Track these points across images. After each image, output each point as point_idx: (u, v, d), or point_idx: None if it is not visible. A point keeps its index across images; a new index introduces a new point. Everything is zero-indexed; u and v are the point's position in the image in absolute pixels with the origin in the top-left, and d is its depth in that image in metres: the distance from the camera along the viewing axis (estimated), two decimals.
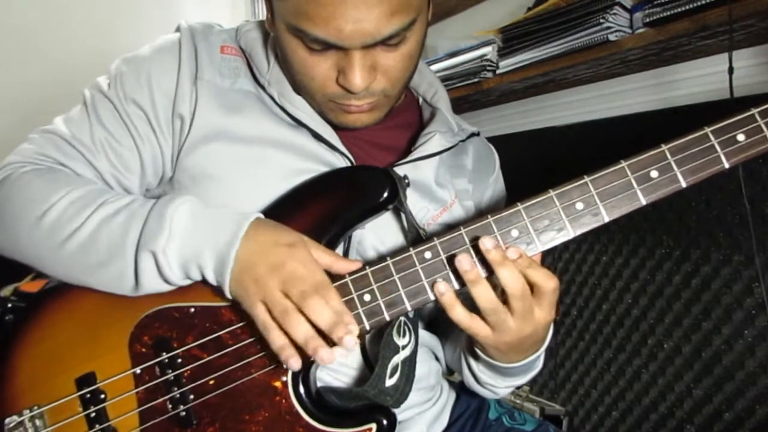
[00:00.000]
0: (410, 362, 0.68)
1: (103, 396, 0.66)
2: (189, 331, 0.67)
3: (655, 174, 0.61)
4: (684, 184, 0.60)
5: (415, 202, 0.78)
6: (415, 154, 0.79)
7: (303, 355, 0.60)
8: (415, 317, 0.71)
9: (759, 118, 0.59)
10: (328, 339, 0.59)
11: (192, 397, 0.65)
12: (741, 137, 0.59)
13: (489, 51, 1.52)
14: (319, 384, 0.70)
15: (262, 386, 0.65)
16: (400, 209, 0.73)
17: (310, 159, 0.74)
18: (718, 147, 0.60)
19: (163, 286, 0.65)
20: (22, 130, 0.78)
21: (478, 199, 0.87)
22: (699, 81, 1.34)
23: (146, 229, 0.63)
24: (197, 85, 0.72)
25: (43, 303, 0.71)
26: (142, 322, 0.67)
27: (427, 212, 0.79)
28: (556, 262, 1.68)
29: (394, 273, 0.64)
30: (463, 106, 1.86)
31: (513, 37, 1.46)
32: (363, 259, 0.74)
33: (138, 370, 0.66)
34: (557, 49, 1.33)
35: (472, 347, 0.72)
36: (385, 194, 0.69)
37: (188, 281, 0.65)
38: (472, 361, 0.75)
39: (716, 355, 1.31)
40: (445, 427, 0.85)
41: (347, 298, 0.64)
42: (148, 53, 0.75)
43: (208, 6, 2.38)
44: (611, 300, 1.54)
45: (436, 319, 0.88)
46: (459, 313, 0.61)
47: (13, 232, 0.67)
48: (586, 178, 0.61)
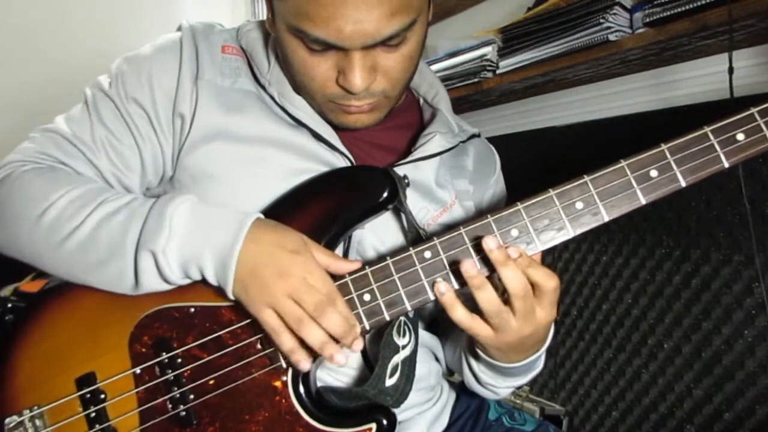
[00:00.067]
0: (410, 362, 0.68)
1: (103, 396, 0.66)
2: (189, 331, 0.67)
3: (654, 173, 0.61)
4: (684, 184, 0.60)
5: (415, 202, 0.78)
6: (416, 154, 0.78)
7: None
8: (415, 317, 0.71)
9: (758, 118, 0.59)
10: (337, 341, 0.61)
11: (192, 396, 0.65)
12: (740, 137, 0.60)
13: (489, 51, 1.52)
14: (319, 384, 0.70)
15: (262, 386, 0.65)
16: (400, 209, 0.73)
17: (310, 159, 0.74)
18: (717, 146, 0.60)
19: (163, 286, 0.65)
20: (22, 129, 0.78)
21: (479, 199, 0.87)
22: (699, 81, 1.34)
23: (146, 229, 0.63)
24: (198, 84, 0.72)
25: (43, 303, 0.71)
26: (142, 322, 0.67)
27: (427, 212, 0.79)
28: (556, 261, 1.68)
29: (394, 273, 0.64)
30: (463, 106, 1.86)
31: (513, 37, 1.46)
32: (363, 259, 0.74)
33: (138, 370, 0.66)
34: (557, 49, 1.33)
35: (473, 347, 0.72)
36: (385, 194, 0.69)
37: (188, 280, 0.66)
38: (473, 361, 0.75)
39: (716, 355, 1.31)
40: (445, 428, 0.85)
41: (347, 297, 0.64)
42: (149, 52, 0.75)
43: (208, 6, 2.38)
44: (611, 300, 1.54)
45: (437, 320, 0.88)
46: (460, 313, 0.62)
47: (13, 230, 0.67)
48: (586, 178, 0.62)
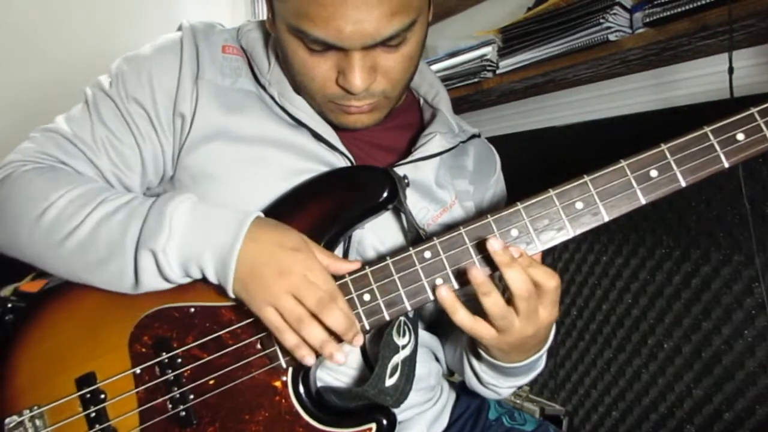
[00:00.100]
0: (410, 362, 0.68)
1: (103, 396, 0.66)
2: (189, 331, 0.67)
3: (654, 173, 0.61)
4: (683, 184, 0.60)
5: (415, 202, 0.78)
6: (416, 154, 0.78)
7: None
8: (414, 317, 0.71)
9: (758, 118, 0.59)
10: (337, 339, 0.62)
11: (192, 396, 0.65)
12: (740, 136, 0.60)
13: (489, 51, 1.52)
14: (319, 384, 0.70)
15: (262, 386, 0.65)
16: (399, 209, 0.73)
17: (310, 159, 0.74)
18: (717, 146, 0.60)
19: (163, 284, 0.65)
20: (22, 129, 0.78)
21: (479, 200, 0.87)
22: (699, 81, 1.34)
23: (146, 228, 0.63)
24: (198, 84, 0.72)
25: (43, 303, 0.71)
26: (142, 322, 0.67)
27: (427, 212, 0.79)
28: (556, 262, 1.68)
29: (394, 273, 0.64)
30: (463, 106, 1.86)
31: (513, 37, 1.46)
32: (363, 259, 0.75)
33: (138, 370, 0.66)
34: (557, 49, 1.33)
35: (475, 347, 0.72)
36: (385, 194, 0.69)
37: (188, 279, 0.66)
38: (475, 362, 0.75)
39: (716, 355, 1.31)
40: (445, 428, 0.85)
41: (347, 297, 0.64)
42: (149, 52, 0.75)
43: (208, 6, 2.38)
44: (611, 300, 1.54)
45: (437, 320, 0.88)
46: (462, 317, 0.62)
47: (13, 230, 0.67)
48: (586, 178, 0.62)
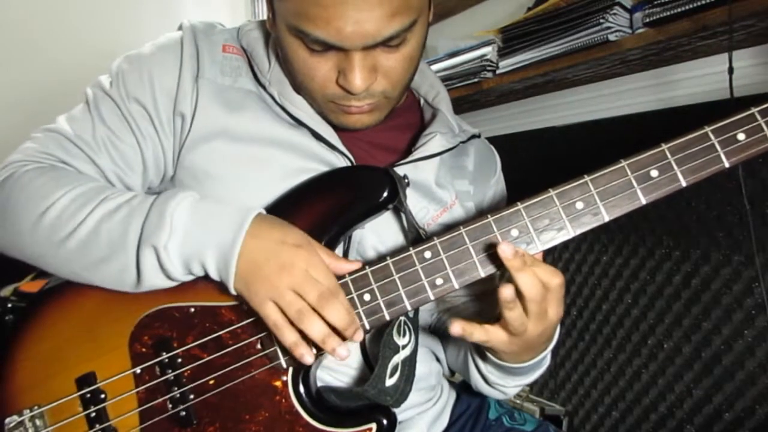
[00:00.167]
0: (410, 362, 0.68)
1: (103, 396, 0.66)
2: (189, 331, 0.67)
3: (655, 173, 0.61)
4: (684, 184, 0.60)
5: (416, 202, 0.78)
6: (416, 154, 0.78)
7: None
8: (415, 317, 0.71)
9: (759, 117, 0.59)
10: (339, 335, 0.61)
11: (192, 396, 0.65)
12: (741, 136, 0.59)
13: (489, 51, 1.52)
14: (319, 384, 0.70)
15: (262, 386, 0.65)
16: (400, 209, 0.73)
17: (310, 158, 0.74)
18: (718, 146, 0.60)
19: (166, 282, 0.65)
20: (22, 129, 0.78)
21: (479, 200, 0.87)
22: (699, 81, 1.34)
23: (147, 225, 0.63)
24: (198, 83, 0.72)
25: (43, 303, 0.71)
26: (142, 322, 0.67)
27: (427, 212, 0.79)
28: (556, 262, 1.67)
29: (394, 273, 0.64)
30: (463, 106, 1.86)
31: (513, 37, 1.46)
32: (363, 259, 0.74)
33: (138, 370, 0.66)
34: (557, 49, 1.33)
35: (480, 350, 0.72)
36: (385, 194, 0.69)
37: (190, 277, 0.65)
38: (481, 363, 0.75)
39: (716, 355, 1.31)
40: (445, 427, 0.85)
41: (347, 297, 0.64)
42: (149, 51, 0.75)
43: (208, 6, 2.38)
44: (611, 300, 1.54)
45: (438, 330, 0.88)
46: (477, 336, 0.63)
47: (15, 230, 0.67)
48: (586, 178, 0.61)
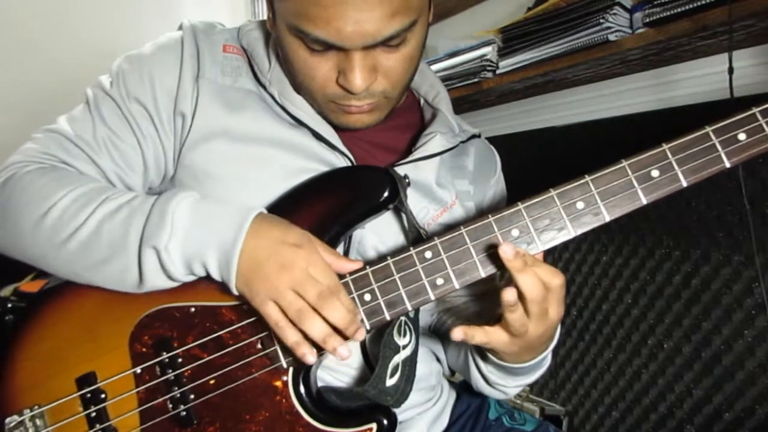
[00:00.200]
0: (411, 362, 0.68)
1: (103, 396, 0.66)
2: (189, 331, 0.67)
3: (655, 173, 0.60)
4: (685, 184, 0.60)
5: (416, 202, 0.78)
6: (416, 154, 0.78)
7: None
8: (415, 317, 0.70)
9: (760, 117, 0.59)
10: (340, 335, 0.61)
11: (192, 396, 0.65)
12: (742, 136, 0.59)
13: (489, 51, 1.52)
14: (319, 384, 0.70)
15: (263, 386, 0.65)
16: (400, 209, 0.73)
17: (310, 158, 0.74)
18: (719, 146, 0.60)
19: (167, 283, 0.65)
20: (22, 129, 0.78)
21: (480, 200, 0.87)
22: (699, 81, 1.34)
23: (148, 225, 0.63)
24: (199, 83, 0.72)
25: (43, 303, 0.71)
26: (142, 322, 0.67)
27: (428, 212, 0.79)
28: (556, 262, 1.68)
29: (395, 273, 0.64)
30: (463, 106, 1.86)
31: (513, 37, 1.46)
32: (363, 259, 0.74)
33: (138, 370, 0.66)
34: (557, 49, 1.33)
35: (481, 350, 0.72)
36: (386, 194, 0.69)
37: (192, 277, 0.65)
38: (481, 363, 0.75)
39: (716, 355, 1.31)
40: (445, 427, 0.85)
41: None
42: (150, 51, 0.75)
43: (208, 6, 2.38)
44: (611, 300, 1.54)
45: (438, 330, 0.88)
46: (478, 339, 0.63)
47: (16, 231, 0.67)
48: (587, 178, 0.61)
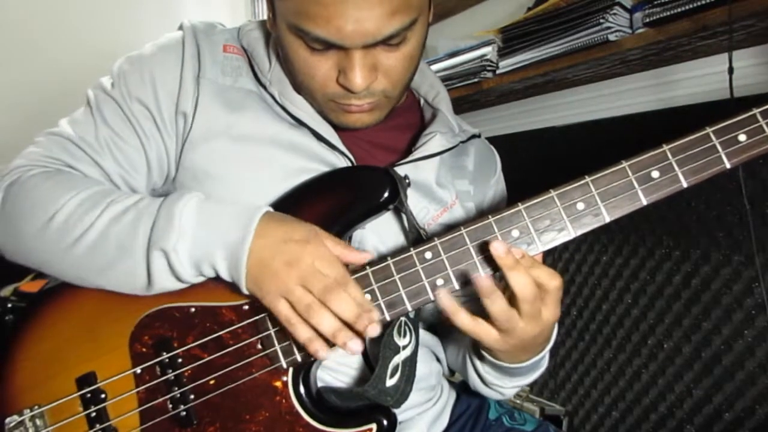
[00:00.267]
0: (411, 362, 0.68)
1: (103, 396, 0.66)
2: (189, 331, 0.67)
3: (656, 174, 0.60)
4: (685, 185, 0.60)
5: (416, 202, 0.78)
6: (416, 154, 0.78)
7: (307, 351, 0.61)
8: (415, 317, 0.71)
9: (760, 118, 0.59)
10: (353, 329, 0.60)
11: (192, 396, 0.65)
12: (742, 137, 0.59)
13: (489, 51, 1.52)
14: (319, 384, 0.70)
15: (263, 386, 0.65)
16: (400, 209, 0.73)
17: (310, 158, 0.74)
18: (719, 147, 0.60)
19: (176, 284, 0.65)
20: (22, 130, 0.78)
21: (480, 200, 0.87)
22: (699, 81, 1.34)
23: (156, 228, 0.63)
24: (200, 82, 0.72)
25: (43, 303, 0.71)
26: (142, 322, 0.67)
27: (428, 212, 0.79)
28: (556, 262, 1.68)
29: (395, 273, 0.64)
30: (463, 106, 1.86)
31: (513, 37, 1.46)
32: None
33: (138, 370, 0.66)
34: (557, 49, 1.33)
35: (478, 349, 0.72)
36: (386, 194, 0.69)
37: (201, 278, 0.65)
38: (478, 363, 0.75)
39: (716, 355, 1.31)
40: (445, 427, 0.85)
41: None
42: (150, 52, 0.75)
43: (208, 6, 2.38)
44: (611, 300, 1.54)
45: (438, 322, 0.87)
46: (463, 319, 0.61)
47: (21, 236, 0.67)
48: (587, 179, 0.61)
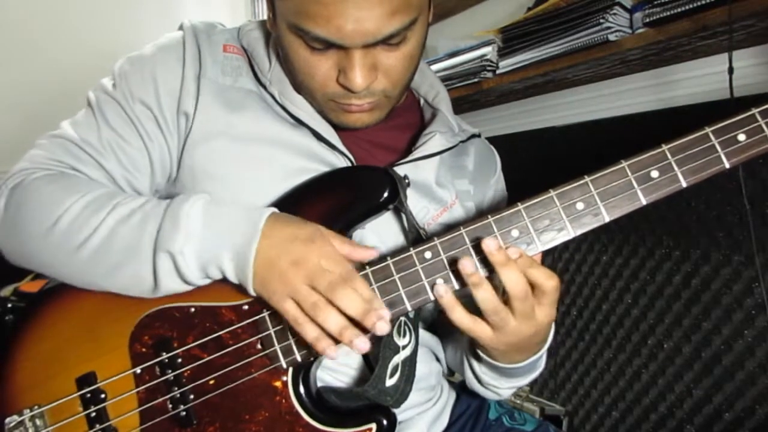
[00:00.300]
0: (410, 362, 0.68)
1: (103, 396, 0.66)
2: (189, 331, 0.67)
3: (655, 174, 0.60)
4: (684, 184, 0.60)
5: (416, 202, 0.78)
6: (416, 153, 0.78)
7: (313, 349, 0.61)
8: (415, 317, 0.71)
9: (759, 118, 0.59)
10: (361, 327, 0.59)
11: (192, 396, 0.65)
12: (742, 137, 0.59)
13: (489, 51, 1.52)
14: (319, 384, 0.70)
15: (262, 386, 0.65)
16: (400, 209, 0.73)
17: (310, 158, 0.74)
18: (718, 147, 0.60)
19: (182, 287, 0.65)
20: (22, 130, 0.78)
21: (480, 200, 0.87)
22: (699, 81, 1.34)
23: (162, 230, 0.63)
24: (200, 82, 0.72)
25: (43, 303, 0.71)
26: (142, 322, 0.67)
27: (428, 212, 0.79)
28: (556, 262, 1.68)
29: (395, 273, 0.64)
30: (463, 106, 1.86)
31: (513, 37, 1.46)
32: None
33: (138, 370, 0.66)
34: (557, 49, 1.33)
35: (474, 348, 0.72)
36: (386, 194, 0.69)
37: (207, 280, 0.65)
38: (474, 363, 0.75)
39: (716, 355, 1.31)
40: (445, 427, 0.85)
41: None
42: (151, 52, 0.75)
43: (208, 6, 2.38)
44: (611, 300, 1.54)
45: (437, 321, 0.87)
46: (459, 314, 0.61)
47: (26, 239, 0.67)
48: (587, 178, 0.61)
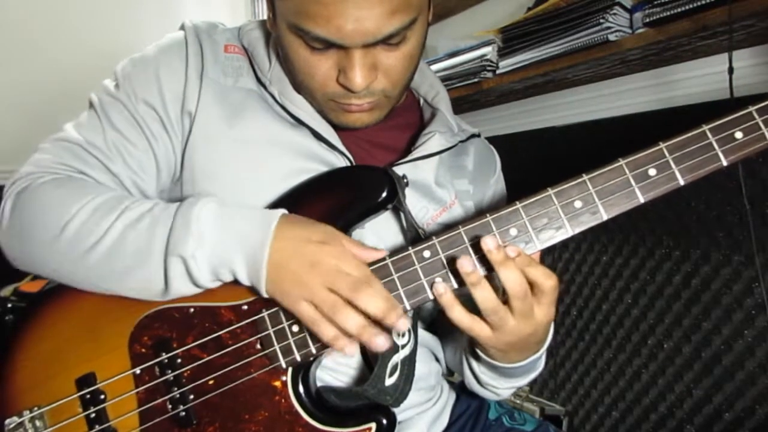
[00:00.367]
0: (410, 361, 0.68)
1: (103, 396, 0.66)
2: (189, 331, 0.67)
3: (653, 172, 0.61)
4: (682, 182, 0.60)
5: (415, 201, 0.78)
6: (415, 153, 0.79)
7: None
8: (414, 316, 0.71)
9: (756, 116, 0.60)
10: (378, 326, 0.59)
11: (192, 397, 0.65)
12: (739, 135, 0.60)
13: (489, 51, 1.52)
14: (318, 383, 0.70)
15: (262, 386, 0.65)
16: (399, 209, 0.73)
17: (310, 158, 0.74)
18: (715, 145, 0.60)
19: (193, 290, 0.65)
20: (22, 130, 0.78)
21: (479, 200, 0.87)
22: (699, 81, 1.34)
23: (173, 234, 0.62)
24: (203, 81, 0.72)
25: (43, 303, 0.71)
26: (142, 323, 0.67)
27: (427, 212, 0.79)
28: (556, 262, 1.68)
29: (393, 272, 0.64)
30: (463, 106, 1.86)
31: (513, 37, 1.46)
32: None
33: (138, 371, 0.66)
34: (557, 49, 1.33)
35: (473, 348, 0.72)
36: (384, 194, 0.69)
37: (218, 283, 0.65)
38: (473, 362, 0.75)
39: (716, 355, 1.31)
40: (445, 427, 0.85)
41: None
42: (154, 53, 0.75)
43: (208, 6, 2.39)
44: (611, 300, 1.54)
45: (436, 320, 0.88)
46: (458, 313, 0.61)
47: (34, 244, 0.66)
48: (585, 177, 0.61)
